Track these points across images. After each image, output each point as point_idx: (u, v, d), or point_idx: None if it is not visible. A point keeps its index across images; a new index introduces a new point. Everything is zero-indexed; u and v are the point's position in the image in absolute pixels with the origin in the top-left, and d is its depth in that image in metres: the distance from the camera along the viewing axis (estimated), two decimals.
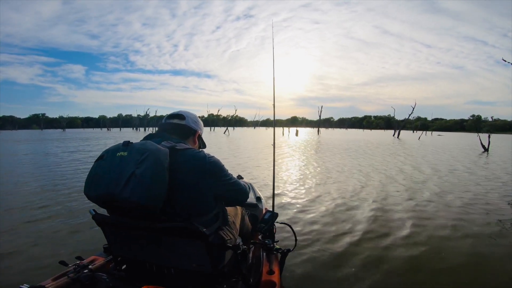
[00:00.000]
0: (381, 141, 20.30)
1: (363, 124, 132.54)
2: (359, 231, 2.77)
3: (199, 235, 0.94)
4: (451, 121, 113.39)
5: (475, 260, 2.24)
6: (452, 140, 26.71)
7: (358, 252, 2.34)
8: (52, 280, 1.10)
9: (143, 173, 0.87)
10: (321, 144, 16.87)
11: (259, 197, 2.21)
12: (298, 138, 24.38)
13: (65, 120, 72.39)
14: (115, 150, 0.95)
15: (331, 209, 3.48)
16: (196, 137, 1.23)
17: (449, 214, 3.37)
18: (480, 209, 3.59)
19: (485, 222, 3.08)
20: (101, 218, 1.02)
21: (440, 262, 2.20)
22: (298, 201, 3.86)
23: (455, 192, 4.47)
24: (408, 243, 2.51)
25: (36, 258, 2.15)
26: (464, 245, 2.51)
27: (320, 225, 2.94)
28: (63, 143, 16.45)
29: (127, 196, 0.86)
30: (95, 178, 0.93)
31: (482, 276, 2.03)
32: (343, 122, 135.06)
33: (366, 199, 3.98)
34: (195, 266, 1.02)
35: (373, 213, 3.33)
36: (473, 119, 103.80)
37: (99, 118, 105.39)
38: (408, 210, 3.50)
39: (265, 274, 1.28)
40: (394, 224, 3.00)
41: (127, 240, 1.06)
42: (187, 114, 1.22)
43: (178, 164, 0.97)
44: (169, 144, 1.02)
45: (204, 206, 1.05)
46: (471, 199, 4.07)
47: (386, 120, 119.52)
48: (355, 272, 2.03)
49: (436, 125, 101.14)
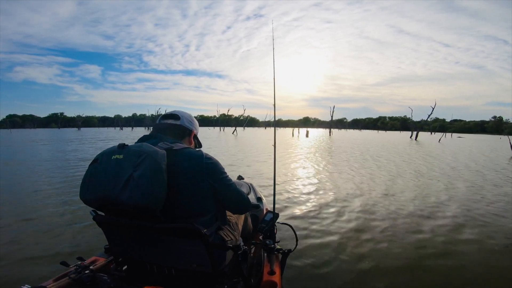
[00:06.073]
0: (397, 143, 19.79)
1: (377, 125, 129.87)
2: (361, 232, 2.76)
3: (199, 236, 0.93)
4: (471, 122, 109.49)
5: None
6: (477, 143, 25.20)
7: (359, 252, 2.34)
8: (53, 280, 1.10)
9: (141, 176, 0.86)
10: (331, 146, 16.60)
11: (260, 198, 2.21)
12: (307, 140, 23.99)
13: (82, 119, 74.71)
14: (110, 153, 0.94)
15: (332, 210, 3.46)
16: (192, 137, 1.22)
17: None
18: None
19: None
20: (102, 219, 1.02)
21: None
22: (299, 202, 3.84)
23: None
24: (408, 248, 2.44)
25: (37, 259, 2.18)
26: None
27: (321, 225, 2.93)
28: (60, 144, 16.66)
29: (126, 199, 0.86)
30: (91, 181, 0.92)
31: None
32: (356, 123, 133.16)
33: (369, 202, 3.88)
34: (196, 267, 1.02)
35: (378, 216, 3.27)
36: (494, 120, 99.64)
37: (115, 118, 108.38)
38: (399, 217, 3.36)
39: (266, 274, 1.28)
40: (396, 226, 2.92)
41: (128, 240, 1.06)
42: (182, 114, 1.21)
43: (176, 165, 0.97)
44: (166, 146, 1.01)
45: (204, 206, 1.04)
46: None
47: (401, 121, 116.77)
48: (357, 273, 2.02)
49: (455, 127, 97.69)
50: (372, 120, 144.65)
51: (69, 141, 18.22)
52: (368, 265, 2.13)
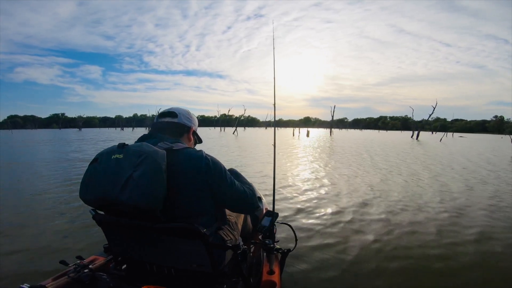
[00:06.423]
0: (398, 143, 19.76)
1: (378, 125, 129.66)
2: (360, 232, 2.75)
3: (199, 236, 0.93)
4: (473, 122, 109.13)
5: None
6: (479, 143, 24.90)
7: (359, 252, 2.32)
8: (53, 279, 1.11)
9: (141, 176, 0.86)
10: (331, 145, 16.59)
11: (259, 197, 2.21)
12: (308, 139, 23.91)
13: (83, 119, 74.80)
14: (110, 152, 0.94)
15: (331, 210, 3.45)
16: (191, 133, 1.21)
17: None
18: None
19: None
20: (101, 218, 1.02)
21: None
22: (298, 202, 3.83)
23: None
24: (409, 248, 2.42)
25: (36, 258, 2.18)
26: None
27: (320, 225, 2.93)
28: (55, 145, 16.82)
29: (125, 199, 0.86)
30: (90, 181, 0.92)
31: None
32: (357, 122, 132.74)
33: (372, 202, 3.87)
34: (195, 266, 1.01)
35: (378, 216, 3.25)
36: (495, 120, 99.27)
37: (116, 118, 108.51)
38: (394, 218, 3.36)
39: (265, 274, 1.28)
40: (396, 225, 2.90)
41: (127, 240, 1.06)
42: (179, 111, 1.20)
43: (175, 165, 0.96)
44: (166, 146, 1.00)
45: (203, 207, 1.04)
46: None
47: (402, 121, 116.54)
48: (356, 273, 2.01)
49: (456, 126, 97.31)
50: (373, 120, 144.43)
51: (70, 141, 18.26)
52: (367, 265, 2.12)
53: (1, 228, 2.78)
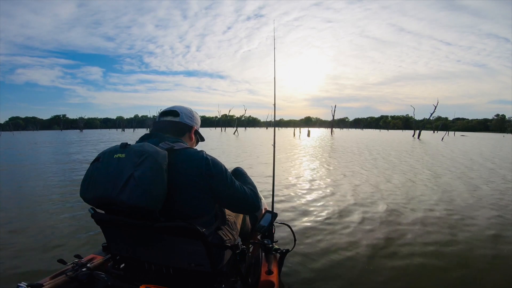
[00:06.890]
0: (399, 142, 19.70)
1: (379, 125, 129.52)
2: (360, 232, 2.73)
3: (198, 235, 0.93)
4: (474, 121, 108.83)
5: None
6: (481, 141, 24.61)
7: (358, 252, 2.31)
8: (50, 278, 1.10)
9: (142, 176, 0.86)
10: (332, 145, 16.56)
11: (259, 197, 2.20)
12: (309, 139, 23.75)
13: (84, 121, 75.02)
14: (112, 152, 0.94)
15: (331, 210, 3.44)
16: (193, 132, 1.20)
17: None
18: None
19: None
20: (100, 217, 1.02)
21: None
22: (298, 202, 3.81)
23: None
24: (410, 249, 2.41)
25: (34, 256, 2.17)
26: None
27: (319, 225, 2.91)
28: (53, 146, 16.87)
29: (125, 199, 0.85)
30: (91, 180, 0.92)
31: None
32: (358, 122, 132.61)
33: (372, 202, 3.86)
34: (194, 266, 1.01)
35: (377, 215, 3.24)
36: (497, 118, 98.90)
37: (117, 119, 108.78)
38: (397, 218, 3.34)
39: (263, 274, 1.28)
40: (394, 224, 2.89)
41: (126, 239, 1.06)
42: (181, 109, 1.19)
43: (176, 165, 0.96)
44: (167, 146, 1.00)
45: (203, 207, 1.03)
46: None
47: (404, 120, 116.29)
48: (355, 273, 2.00)
49: (458, 125, 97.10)
50: (374, 119, 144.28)
51: (71, 143, 18.31)
52: (367, 265, 2.11)
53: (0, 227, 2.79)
